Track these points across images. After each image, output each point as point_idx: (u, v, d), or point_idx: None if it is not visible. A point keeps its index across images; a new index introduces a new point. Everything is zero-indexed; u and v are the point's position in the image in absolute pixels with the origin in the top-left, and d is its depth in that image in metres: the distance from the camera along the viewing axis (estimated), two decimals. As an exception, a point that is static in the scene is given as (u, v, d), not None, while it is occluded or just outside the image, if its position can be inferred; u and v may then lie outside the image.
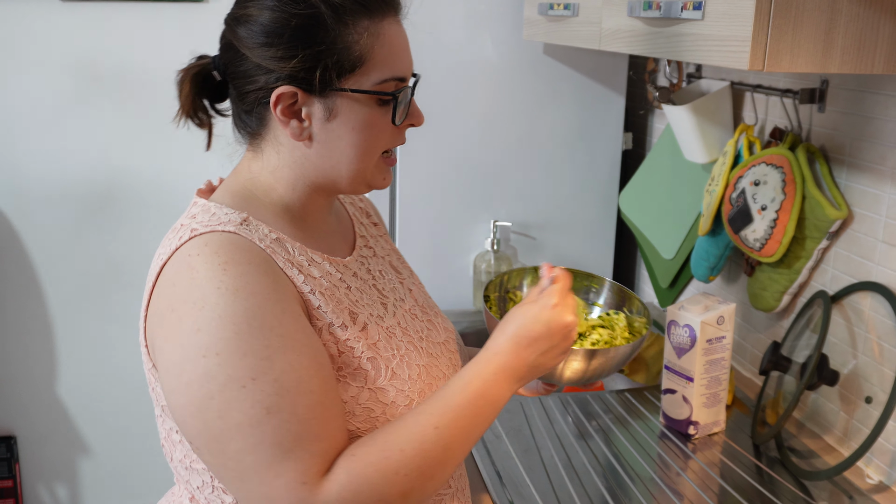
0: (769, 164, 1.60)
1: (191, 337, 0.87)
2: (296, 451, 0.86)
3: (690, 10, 1.26)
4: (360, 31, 0.94)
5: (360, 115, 0.96)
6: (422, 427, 0.91)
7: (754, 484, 1.46)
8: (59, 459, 2.57)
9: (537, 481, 1.45)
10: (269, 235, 0.96)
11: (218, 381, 0.85)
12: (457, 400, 0.93)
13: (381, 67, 0.96)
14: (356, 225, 1.16)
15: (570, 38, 1.82)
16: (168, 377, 0.90)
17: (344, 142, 0.97)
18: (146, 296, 0.95)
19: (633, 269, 2.44)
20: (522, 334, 0.97)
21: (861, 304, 1.51)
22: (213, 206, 0.97)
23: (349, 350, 0.97)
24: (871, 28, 1.14)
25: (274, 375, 0.86)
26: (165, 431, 1.01)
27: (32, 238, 2.40)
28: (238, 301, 0.87)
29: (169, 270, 0.92)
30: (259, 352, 0.86)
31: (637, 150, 2.37)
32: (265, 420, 0.85)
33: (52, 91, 2.30)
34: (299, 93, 0.95)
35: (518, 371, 0.96)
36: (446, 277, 2.23)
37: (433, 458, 0.90)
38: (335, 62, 0.94)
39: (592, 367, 1.06)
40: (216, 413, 0.86)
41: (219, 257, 0.90)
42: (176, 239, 0.94)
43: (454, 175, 2.18)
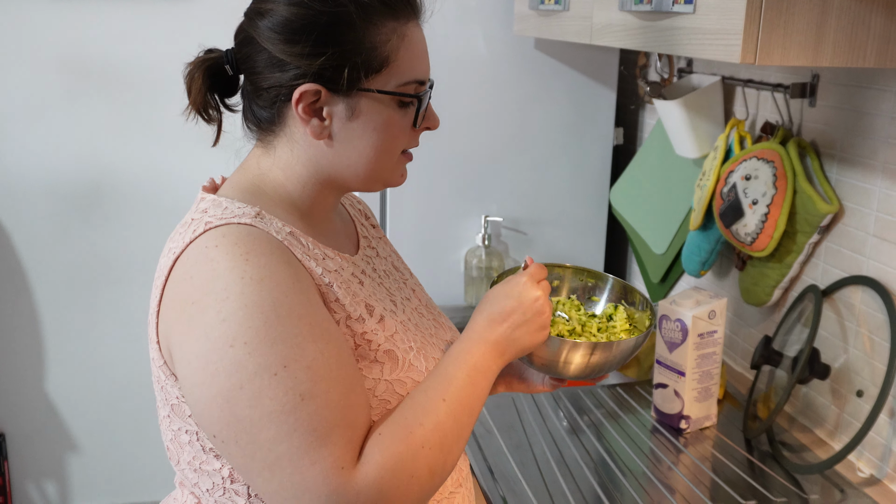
0: (760, 158, 1.60)
1: (216, 327, 0.85)
2: (332, 436, 0.85)
3: (682, 3, 1.26)
4: (386, 32, 0.94)
5: (381, 116, 0.96)
6: (432, 401, 0.93)
7: (746, 478, 1.46)
8: (47, 457, 2.56)
9: (529, 477, 1.45)
10: (284, 229, 0.95)
11: (248, 370, 0.84)
12: (455, 374, 0.96)
13: (404, 70, 0.96)
14: (358, 226, 1.15)
15: (560, 32, 1.81)
16: (190, 370, 0.88)
17: (364, 142, 0.97)
18: (157, 291, 0.94)
19: (625, 264, 2.44)
20: (495, 311, 1.00)
21: (852, 298, 1.51)
22: (225, 201, 0.96)
23: (366, 343, 0.97)
24: (863, 22, 1.14)
25: (306, 362, 0.86)
26: (172, 433, 0.98)
27: (20, 234, 2.38)
28: (264, 290, 0.86)
29: (184, 263, 0.90)
30: (289, 339, 0.86)
31: (628, 145, 2.37)
32: (300, 406, 0.85)
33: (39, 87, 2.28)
34: (323, 91, 0.94)
35: (498, 345, 0.99)
36: (437, 273, 2.23)
37: (448, 431, 0.92)
38: (362, 62, 0.93)
39: (595, 361, 1.06)
40: (246, 402, 0.84)
41: (239, 248, 0.88)
42: (189, 233, 0.92)
43: (445, 170, 2.17)
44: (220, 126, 1.05)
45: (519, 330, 1.00)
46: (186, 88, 1.01)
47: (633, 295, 1.18)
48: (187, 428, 0.95)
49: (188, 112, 1.02)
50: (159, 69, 2.30)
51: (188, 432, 0.96)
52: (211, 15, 2.28)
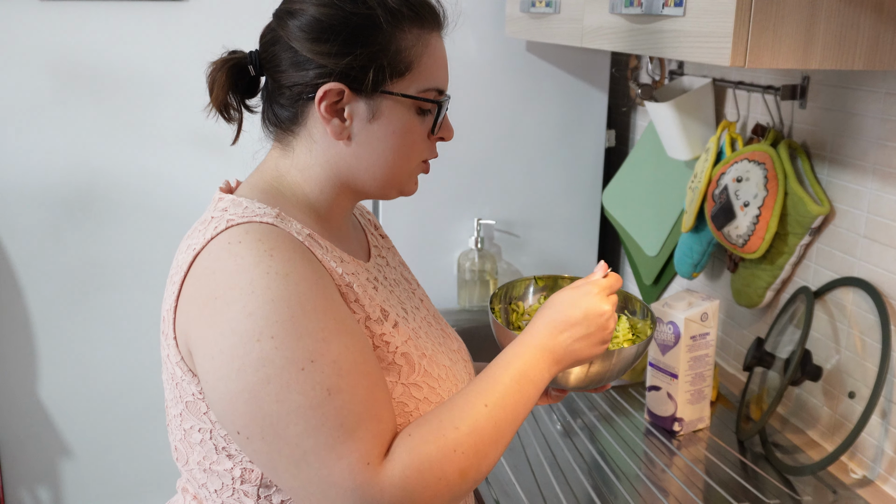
0: (751, 160, 1.61)
1: (242, 322, 0.85)
2: (358, 431, 0.85)
3: (672, 6, 1.26)
4: (412, 38, 0.96)
5: (401, 120, 0.97)
6: (472, 405, 0.92)
7: (739, 479, 1.46)
8: (41, 462, 2.55)
9: (523, 480, 1.45)
10: (303, 231, 0.95)
11: (275, 365, 0.84)
12: (502, 379, 0.95)
13: (425, 76, 0.98)
14: (368, 235, 1.16)
15: (552, 35, 1.81)
16: (214, 365, 0.87)
17: (382, 145, 0.98)
18: (175, 287, 0.93)
19: (617, 266, 2.44)
20: (559, 318, 0.99)
21: (843, 299, 1.51)
22: (245, 201, 0.96)
23: (384, 344, 0.97)
24: (852, 24, 1.14)
25: (332, 357, 0.86)
26: (184, 431, 0.97)
27: (11, 239, 2.37)
28: (289, 285, 0.86)
29: (205, 260, 0.90)
30: (316, 334, 0.86)
31: (620, 147, 2.37)
32: (327, 401, 0.85)
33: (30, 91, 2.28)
34: (346, 91, 0.95)
35: (555, 353, 0.98)
36: (430, 276, 2.23)
37: (486, 436, 0.91)
38: (387, 64, 0.95)
39: (595, 371, 1.05)
40: (274, 397, 0.84)
41: (263, 244, 0.89)
42: (210, 229, 0.92)
43: (437, 173, 2.17)
44: (240, 125, 1.06)
45: (580, 342, 0.99)
46: (209, 87, 1.02)
47: (633, 304, 1.18)
48: (200, 426, 0.95)
49: (209, 110, 1.03)
50: (150, 73, 2.30)
51: (201, 430, 0.95)
52: (203, 18, 2.28)
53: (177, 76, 2.29)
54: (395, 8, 0.95)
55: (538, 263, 2.30)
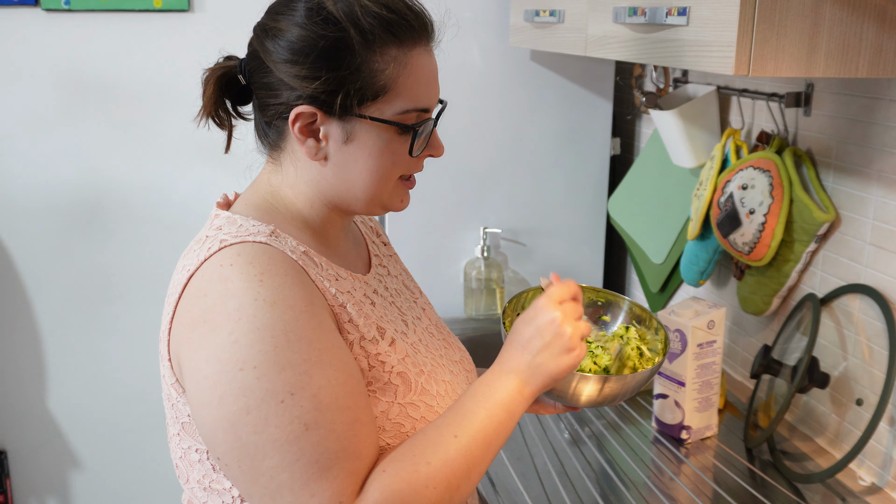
0: (756, 167, 1.61)
1: (226, 349, 0.85)
2: (333, 469, 0.85)
3: (675, 15, 1.26)
4: (387, 59, 0.94)
5: (377, 143, 0.95)
6: (443, 437, 0.91)
7: (747, 487, 1.46)
8: (50, 473, 2.55)
9: (531, 488, 1.45)
10: (298, 248, 0.94)
11: (255, 395, 0.84)
12: (471, 408, 0.94)
13: (404, 98, 0.95)
14: (369, 244, 1.15)
15: (556, 44, 1.82)
16: (198, 390, 0.87)
17: (359, 166, 0.96)
18: (170, 308, 0.93)
19: (623, 274, 2.44)
20: (517, 339, 0.97)
21: (850, 306, 1.51)
22: (240, 218, 0.96)
23: (380, 364, 0.96)
24: (855, 32, 1.15)
25: (312, 391, 0.85)
26: (182, 451, 0.97)
27: (20, 250, 2.39)
28: (276, 313, 0.85)
29: (198, 281, 0.90)
30: (298, 366, 0.85)
31: (625, 155, 2.38)
32: (303, 436, 0.84)
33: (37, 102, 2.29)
34: (319, 113, 0.94)
35: (522, 374, 0.96)
36: (437, 285, 2.23)
37: (457, 468, 0.90)
38: (358, 88, 0.93)
39: (607, 392, 1.04)
40: (252, 428, 0.84)
41: (254, 268, 0.88)
42: (203, 250, 0.92)
43: (443, 182, 2.18)
44: (230, 133, 1.06)
45: (541, 356, 0.96)
46: (202, 93, 1.02)
47: (647, 319, 1.16)
48: (197, 447, 0.95)
49: (199, 116, 1.03)
50: (157, 85, 2.31)
51: (198, 451, 0.95)
52: (208, 30, 2.29)
53: (183, 87, 2.30)
54: (369, 29, 0.93)
55: (544, 272, 2.31)
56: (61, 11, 2.24)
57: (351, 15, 0.92)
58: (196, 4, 2.28)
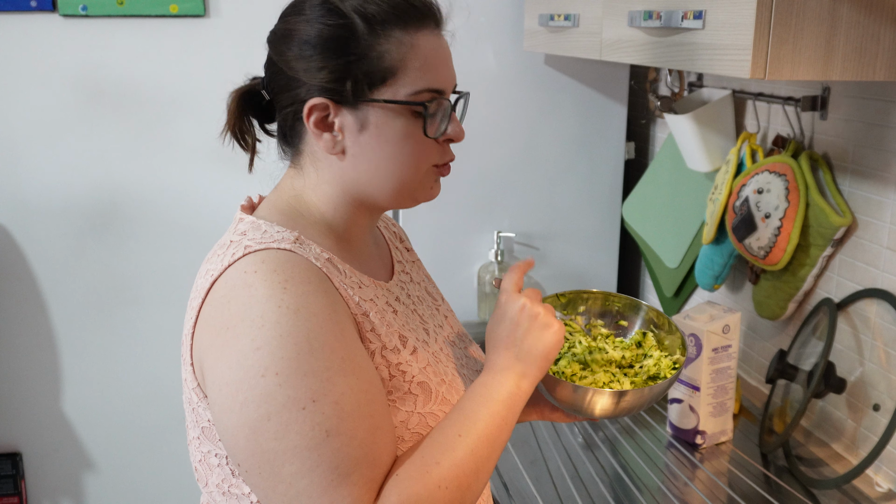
0: (772, 171, 1.60)
1: (249, 356, 0.85)
2: (352, 476, 0.85)
3: (691, 19, 1.26)
4: (392, 42, 0.94)
5: (393, 127, 0.95)
6: (448, 438, 0.91)
7: (762, 493, 1.45)
8: (64, 476, 2.57)
9: (544, 492, 1.45)
10: (322, 255, 0.94)
11: (277, 402, 0.84)
12: (471, 407, 0.94)
13: (413, 79, 0.94)
14: (392, 250, 1.15)
15: (570, 48, 1.82)
16: (221, 396, 0.87)
17: (378, 154, 0.96)
18: (193, 313, 0.93)
19: (638, 278, 2.44)
20: (496, 340, 0.98)
21: (867, 311, 1.50)
22: (264, 224, 0.96)
23: (401, 374, 0.96)
24: (872, 35, 1.14)
25: (334, 398, 0.85)
26: (202, 454, 0.98)
27: (35, 253, 2.40)
28: (299, 321, 0.86)
29: (222, 287, 0.90)
30: (320, 373, 0.85)
31: (640, 159, 2.37)
32: (324, 443, 0.84)
33: (54, 107, 2.31)
34: (331, 104, 0.94)
35: (514, 368, 0.96)
36: (451, 289, 2.23)
37: (466, 468, 0.90)
38: (365, 73, 0.93)
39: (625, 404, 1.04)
40: (273, 434, 0.84)
41: (278, 275, 0.88)
42: (228, 255, 0.92)
43: (457, 186, 2.18)
44: (252, 153, 1.06)
45: (525, 343, 0.97)
46: (226, 111, 1.03)
47: (664, 323, 1.15)
48: (217, 451, 0.95)
49: (223, 134, 1.03)
50: (173, 89, 2.32)
51: (218, 455, 0.95)
52: (224, 35, 2.30)
53: (198, 92, 2.32)
54: (373, 14, 0.93)
55: (558, 276, 2.30)
56: (79, 17, 2.26)
57: (354, 4, 0.93)
58: (212, 10, 2.30)
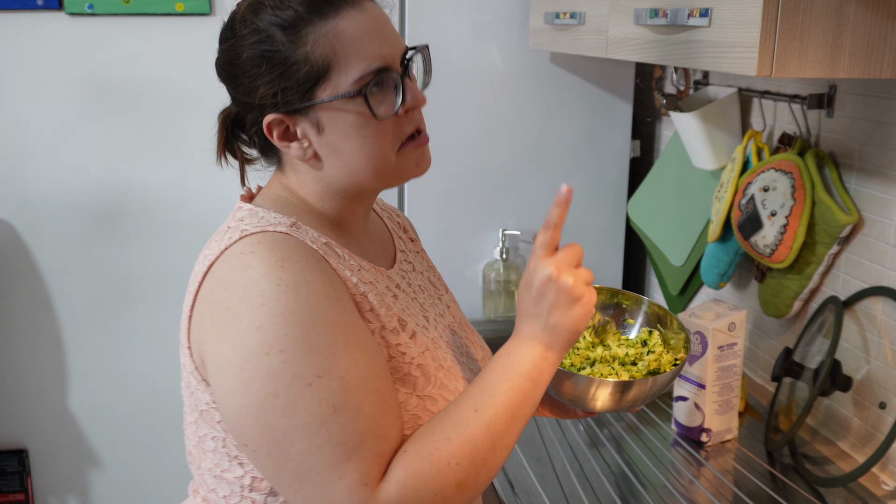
0: (778, 169, 1.60)
1: (251, 335, 0.85)
2: (360, 450, 0.85)
3: (697, 17, 1.26)
4: (314, 38, 0.92)
5: (348, 119, 0.94)
6: (462, 413, 0.90)
7: (768, 491, 1.45)
8: (70, 472, 2.57)
9: (550, 490, 1.45)
10: (319, 239, 0.95)
11: (283, 379, 0.84)
12: (489, 378, 0.92)
13: (350, 66, 0.92)
14: (395, 239, 1.15)
15: (576, 46, 1.82)
16: (224, 377, 0.88)
17: (346, 149, 0.96)
18: (190, 297, 0.94)
19: (643, 276, 2.44)
20: (523, 307, 0.95)
21: (873, 309, 1.50)
22: (261, 211, 0.97)
23: (400, 355, 0.96)
24: (879, 33, 1.14)
25: (340, 373, 0.85)
26: (198, 438, 0.98)
27: (42, 251, 2.41)
28: (300, 298, 0.86)
29: (219, 270, 0.91)
30: (325, 349, 0.85)
31: (645, 157, 2.37)
32: (332, 418, 0.84)
33: (60, 105, 2.31)
34: (284, 117, 0.95)
35: (541, 339, 0.93)
36: (455, 287, 2.23)
37: (480, 443, 0.88)
38: (299, 79, 0.92)
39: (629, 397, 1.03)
40: (280, 412, 0.84)
41: (275, 255, 0.89)
42: (224, 240, 0.93)
43: (462, 184, 2.18)
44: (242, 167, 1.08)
45: (552, 316, 0.92)
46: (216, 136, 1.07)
47: (669, 320, 1.15)
48: (214, 434, 0.96)
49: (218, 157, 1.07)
50: (178, 88, 2.33)
51: (214, 438, 0.96)
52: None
53: (204, 91, 2.31)
54: (288, 19, 0.92)
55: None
56: (85, 16, 2.26)
57: (269, 17, 0.93)
58: (218, 8, 2.30)
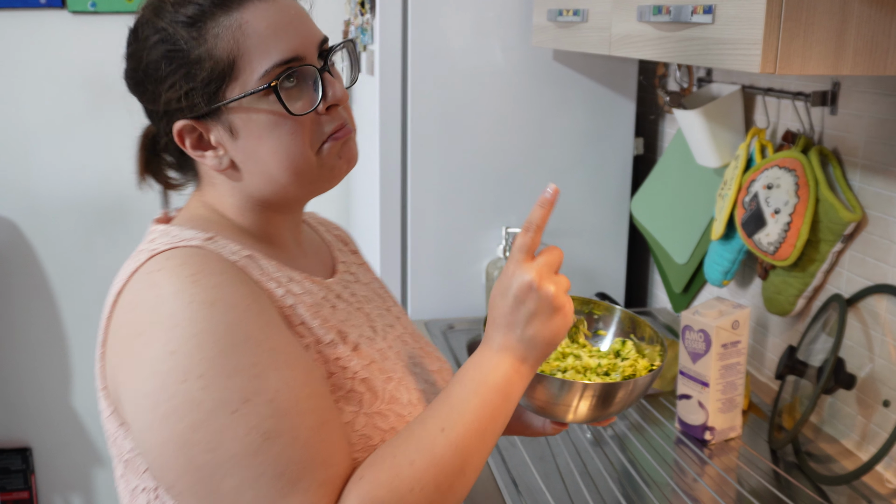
0: (782, 167, 1.60)
1: (165, 361, 0.75)
2: (302, 481, 0.76)
3: (701, 13, 1.26)
4: (215, 32, 0.84)
5: (259, 122, 0.86)
6: (427, 432, 0.81)
7: (772, 489, 1.45)
8: (74, 470, 2.58)
9: (553, 488, 1.45)
10: (241, 251, 0.87)
11: (205, 408, 0.74)
12: (458, 393, 0.83)
13: (257, 60, 0.84)
14: (334, 251, 1.08)
15: (579, 43, 1.82)
16: (139, 412, 0.78)
17: (263, 152, 0.87)
18: (101, 332, 0.85)
19: (646, 274, 2.43)
20: (498, 315, 0.86)
21: (877, 306, 1.50)
22: (175, 229, 0.88)
23: (341, 370, 0.87)
24: (883, 30, 1.14)
25: (269, 395, 0.76)
26: (129, 493, 0.87)
27: (46, 250, 2.41)
28: (216, 314, 0.77)
29: (127, 295, 0.82)
30: (248, 370, 0.76)
31: (648, 155, 2.37)
32: (264, 448, 0.75)
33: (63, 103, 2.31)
34: (195, 123, 0.87)
35: (515, 350, 0.85)
36: (458, 285, 2.23)
37: (447, 466, 0.80)
38: (205, 78, 0.85)
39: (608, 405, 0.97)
40: (204, 446, 0.75)
41: (186, 269, 0.80)
42: (133, 263, 0.85)
43: (465, 182, 2.18)
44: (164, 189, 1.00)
45: (530, 327, 0.84)
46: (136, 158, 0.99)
47: (642, 328, 1.11)
48: (144, 485, 0.85)
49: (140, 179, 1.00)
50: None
51: (146, 490, 0.85)
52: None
53: (207, 88, 2.32)
54: (190, 15, 0.84)
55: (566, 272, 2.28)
56: (88, 14, 2.26)
57: (167, 14, 0.86)
58: (220, 5, 2.30)
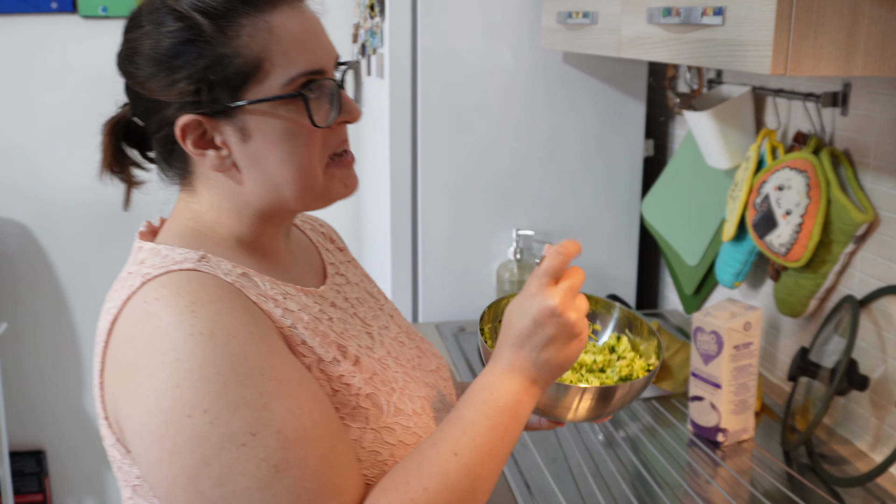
0: (793, 168, 1.60)
1: (169, 396, 0.74)
2: None
3: (711, 15, 1.26)
4: (246, 31, 0.82)
5: (277, 127, 0.84)
6: (441, 457, 0.81)
7: (785, 491, 1.44)
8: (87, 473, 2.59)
9: (566, 490, 1.45)
10: (234, 270, 0.84)
11: (212, 443, 0.74)
12: (471, 418, 0.83)
13: (283, 66, 0.83)
14: (322, 252, 1.05)
15: (589, 46, 1.82)
16: (146, 447, 0.77)
17: (272, 160, 0.85)
18: (98, 359, 0.83)
19: (658, 276, 2.43)
20: (514, 335, 0.86)
21: (890, 307, 1.49)
22: (164, 248, 0.85)
23: (345, 387, 0.86)
24: (894, 30, 1.13)
25: (276, 426, 0.75)
26: None
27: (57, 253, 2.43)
28: (217, 346, 0.76)
29: (123, 325, 0.80)
30: (254, 401, 0.75)
31: (658, 156, 2.37)
32: (275, 480, 0.74)
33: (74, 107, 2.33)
34: (203, 120, 0.84)
35: (528, 372, 0.85)
36: (469, 287, 2.24)
37: (460, 490, 0.80)
38: (226, 76, 0.82)
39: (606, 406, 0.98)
40: (214, 480, 0.74)
41: (183, 298, 0.78)
42: (125, 289, 0.82)
43: (476, 184, 2.18)
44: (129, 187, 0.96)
45: (547, 351, 0.85)
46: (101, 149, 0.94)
47: (639, 325, 1.11)
48: None
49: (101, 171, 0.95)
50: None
51: None
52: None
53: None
54: (215, 6, 0.81)
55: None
56: (99, 18, 2.28)
57: (192, 1, 0.82)
58: (231, 10, 2.31)
